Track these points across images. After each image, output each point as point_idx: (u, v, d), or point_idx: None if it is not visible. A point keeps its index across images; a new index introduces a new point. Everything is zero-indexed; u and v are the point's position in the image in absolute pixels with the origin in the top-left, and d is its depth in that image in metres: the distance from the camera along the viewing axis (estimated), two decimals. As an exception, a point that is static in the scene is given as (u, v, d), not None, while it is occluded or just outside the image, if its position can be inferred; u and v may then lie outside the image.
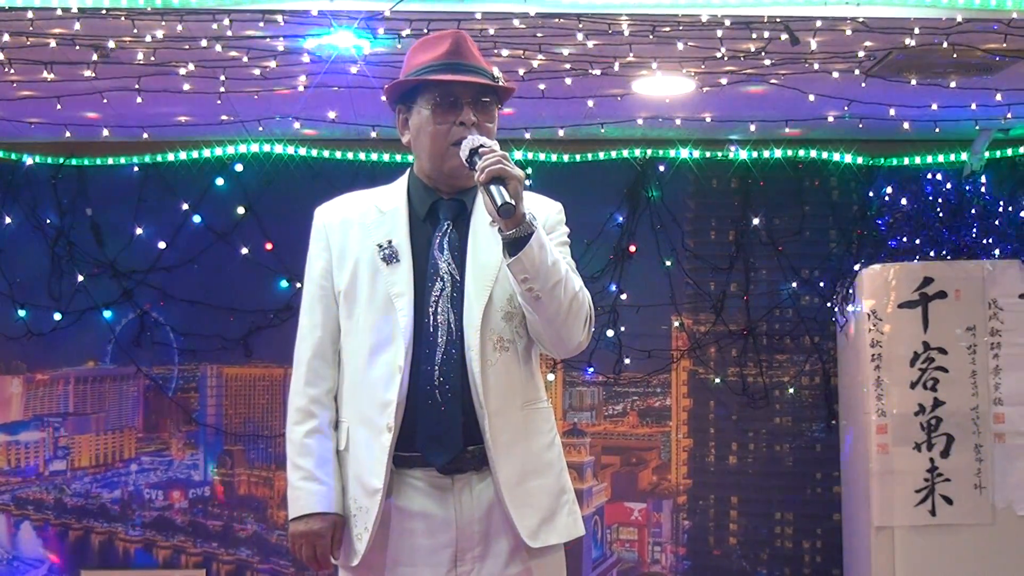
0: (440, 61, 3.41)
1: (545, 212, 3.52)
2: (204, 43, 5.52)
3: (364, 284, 3.43)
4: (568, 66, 5.97)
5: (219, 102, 6.41)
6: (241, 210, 7.67)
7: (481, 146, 3.26)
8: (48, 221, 7.66)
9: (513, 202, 3.12)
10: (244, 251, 7.65)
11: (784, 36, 5.48)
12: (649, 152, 7.71)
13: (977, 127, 7.27)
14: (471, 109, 3.40)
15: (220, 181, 7.63)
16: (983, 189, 7.17)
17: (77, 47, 5.55)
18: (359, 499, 3.41)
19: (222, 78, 6.03)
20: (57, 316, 7.61)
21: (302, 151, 7.58)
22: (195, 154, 7.55)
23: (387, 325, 3.38)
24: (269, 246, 7.63)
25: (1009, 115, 6.83)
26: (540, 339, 3.42)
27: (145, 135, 7.19)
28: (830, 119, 7.07)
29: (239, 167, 7.59)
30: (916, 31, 5.52)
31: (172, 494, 7.67)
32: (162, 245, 7.63)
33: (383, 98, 3.57)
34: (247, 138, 7.48)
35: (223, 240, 7.66)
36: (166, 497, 7.68)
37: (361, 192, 3.64)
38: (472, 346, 3.34)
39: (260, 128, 7.18)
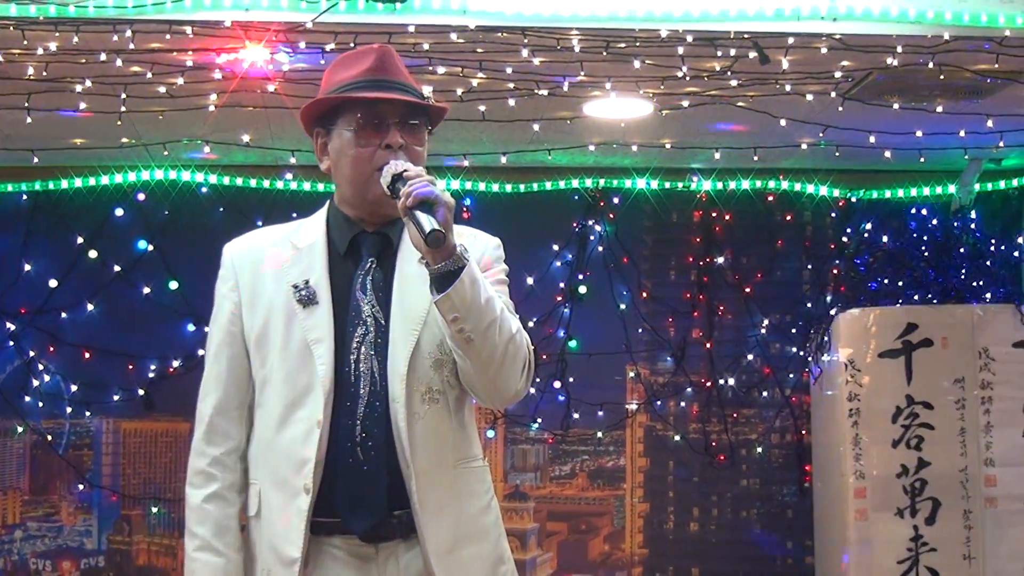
0: (363, 78, 3.37)
1: (481, 247, 3.48)
2: (103, 57, 5.52)
3: (278, 330, 3.36)
4: (512, 85, 5.97)
5: (119, 123, 6.37)
6: (143, 244, 7.65)
7: (405, 171, 3.21)
8: (-78, 256, 7.59)
9: (443, 229, 3.08)
10: (146, 291, 7.63)
11: (753, 54, 5.51)
12: (602, 182, 7.76)
13: (966, 156, 7.32)
14: (398, 131, 3.35)
15: (120, 212, 7.62)
16: (973, 226, 7.28)
17: (-42, 60, 5.52)
18: (274, 570, 3.33)
19: (123, 96, 6.00)
20: (-69, 363, 7.55)
21: (212, 179, 7.57)
22: (92, 181, 7.54)
23: (304, 375, 3.32)
24: (174, 285, 7.61)
25: (1001, 143, 6.86)
26: (473, 387, 3.36)
27: (36, 159, 7.12)
28: (803, 147, 7.11)
29: (141, 196, 7.57)
30: (899, 50, 5.57)
31: (62, 564, 7.61)
32: (53, 283, 7.61)
33: (299, 119, 3.52)
34: (150, 164, 7.45)
35: (122, 278, 7.64)
36: (55, 568, 7.61)
37: (276, 227, 3.58)
38: (397, 397, 3.28)
39: (165, 153, 7.14)
